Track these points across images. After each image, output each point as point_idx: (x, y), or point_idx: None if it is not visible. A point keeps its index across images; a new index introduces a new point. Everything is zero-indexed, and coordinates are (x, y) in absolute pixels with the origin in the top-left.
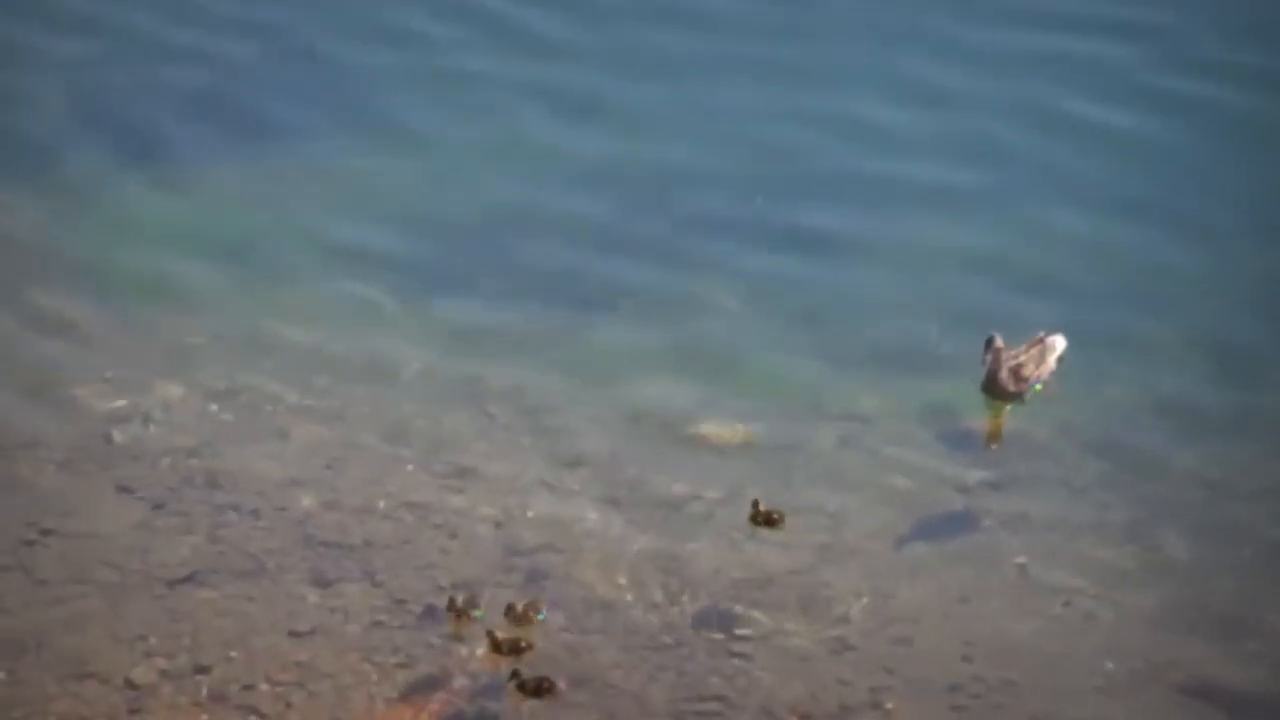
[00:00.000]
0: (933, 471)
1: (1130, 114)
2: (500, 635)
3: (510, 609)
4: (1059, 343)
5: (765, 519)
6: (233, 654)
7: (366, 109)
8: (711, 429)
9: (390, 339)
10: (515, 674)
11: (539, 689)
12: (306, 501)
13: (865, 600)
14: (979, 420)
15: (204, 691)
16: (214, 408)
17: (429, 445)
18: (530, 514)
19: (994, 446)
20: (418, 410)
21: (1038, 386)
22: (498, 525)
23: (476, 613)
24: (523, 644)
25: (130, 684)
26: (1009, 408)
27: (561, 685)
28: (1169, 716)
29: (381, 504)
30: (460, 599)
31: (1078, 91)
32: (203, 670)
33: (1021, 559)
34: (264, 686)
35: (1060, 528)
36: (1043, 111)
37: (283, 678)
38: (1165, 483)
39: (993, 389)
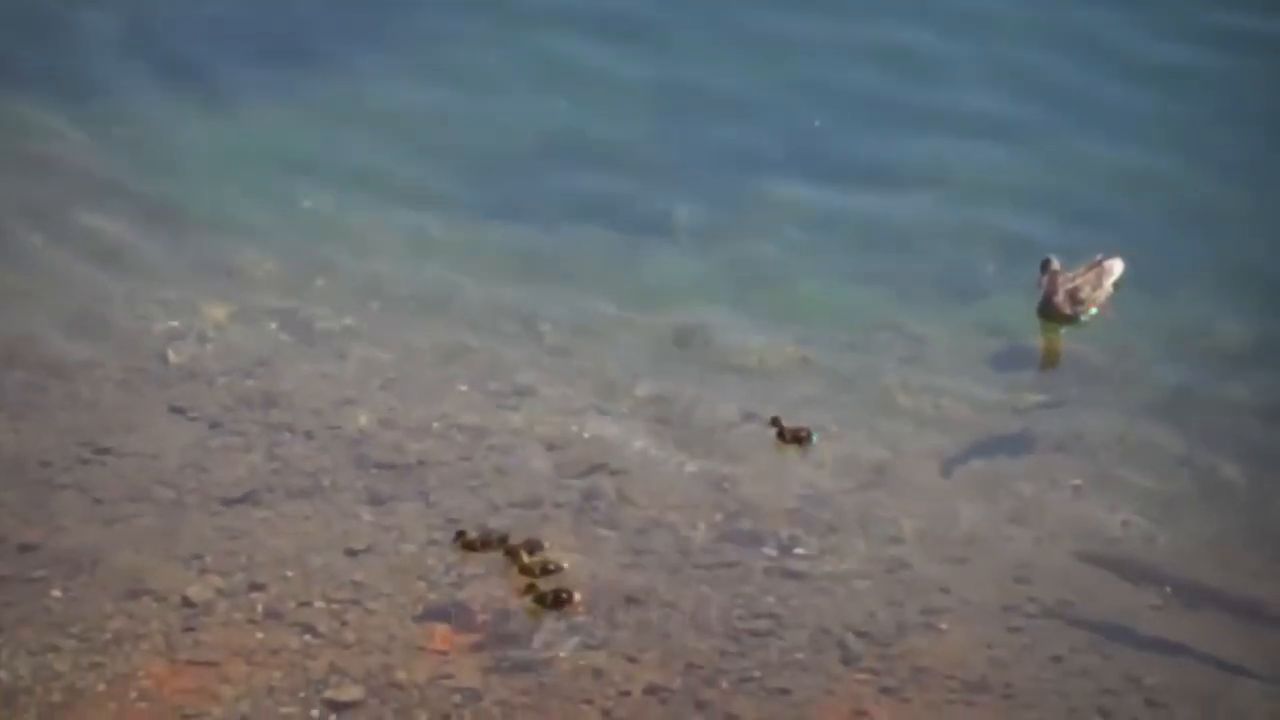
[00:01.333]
0: (987, 393)
1: (1186, 49)
2: (528, 558)
3: (502, 539)
4: (1117, 266)
5: (794, 436)
6: (288, 572)
7: (413, 41)
8: (764, 352)
9: (444, 264)
10: (531, 587)
11: (557, 600)
12: (361, 421)
13: (919, 521)
14: (1034, 342)
15: (259, 609)
16: (270, 328)
17: (483, 368)
18: (585, 436)
19: (1050, 369)
20: (471, 333)
21: (1093, 310)
22: (551, 447)
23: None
24: (551, 565)
25: (186, 601)
26: (1064, 330)
27: (578, 596)
28: (1226, 640)
29: (435, 425)
30: (472, 532)
31: (1130, 24)
32: (258, 588)
33: (1077, 481)
34: (319, 604)
35: (1116, 450)
36: (1093, 44)
37: (338, 596)
38: (1222, 407)
39: (1048, 311)
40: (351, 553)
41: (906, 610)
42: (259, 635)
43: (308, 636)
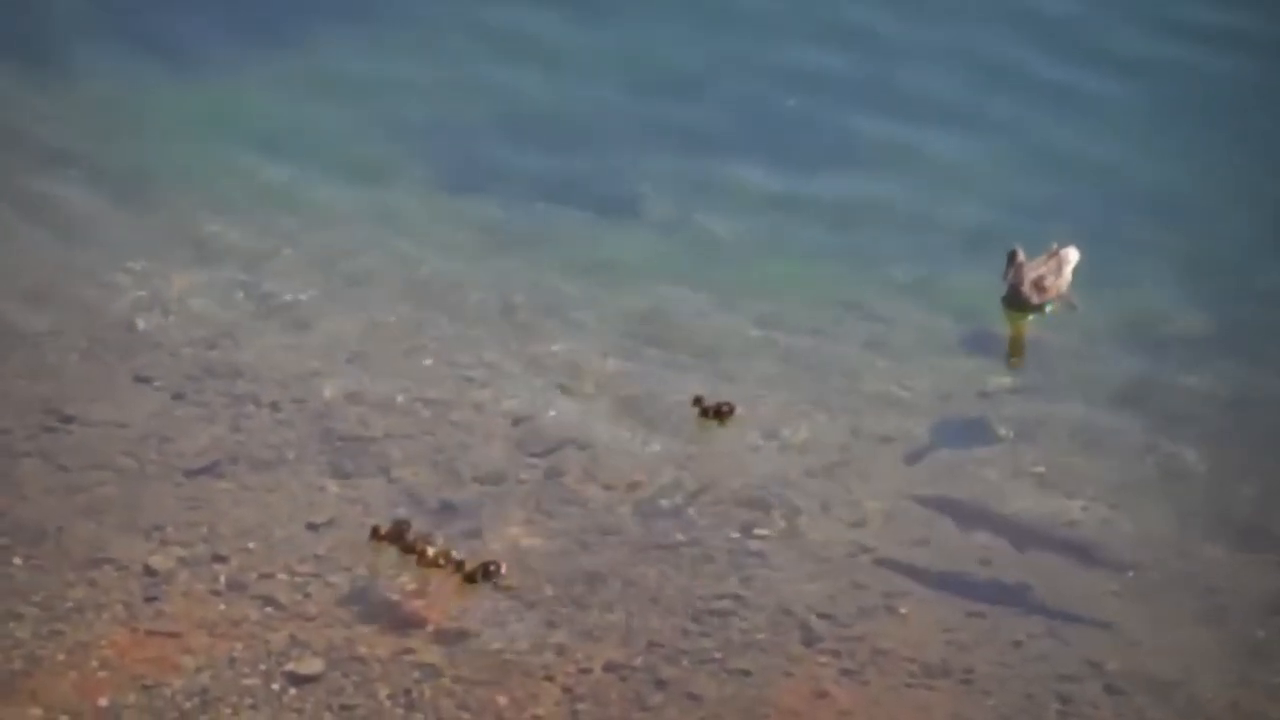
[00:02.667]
0: (951, 378)
1: (1149, 41)
2: (431, 552)
3: (400, 532)
4: (1073, 254)
5: (715, 411)
6: (251, 544)
7: (377, 14)
8: (729, 332)
9: (410, 237)
10: (459, 565)
11: (486, 573)
12: (326, 394)
13: (882, 504)
14: (998, 328)
15: (221, 580)
16: (236, 299)
17: (449, 342)
18: (549, 413)
19: (1016, 358)
20: (438, 307)
21: (1053, 304)
22: (516, 423)
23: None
24: (454, 556)
25: (148, 571)
26: (1029, 318)
27: (504, 569)
28: (1188, 625)
29: (400, 398)
30: (389, 526)
31: (1096, 13)
32: (220, 559)
33: (1040, 466)
34: (281, 576)
35: (1079, 436)
36: (1058, 32)
37: (301, 569)
38: (1185, 392)
39: (1016, 301)
40: (314, 526)
41: (868, 593)
42: (221, 606)
43: (269, 608)
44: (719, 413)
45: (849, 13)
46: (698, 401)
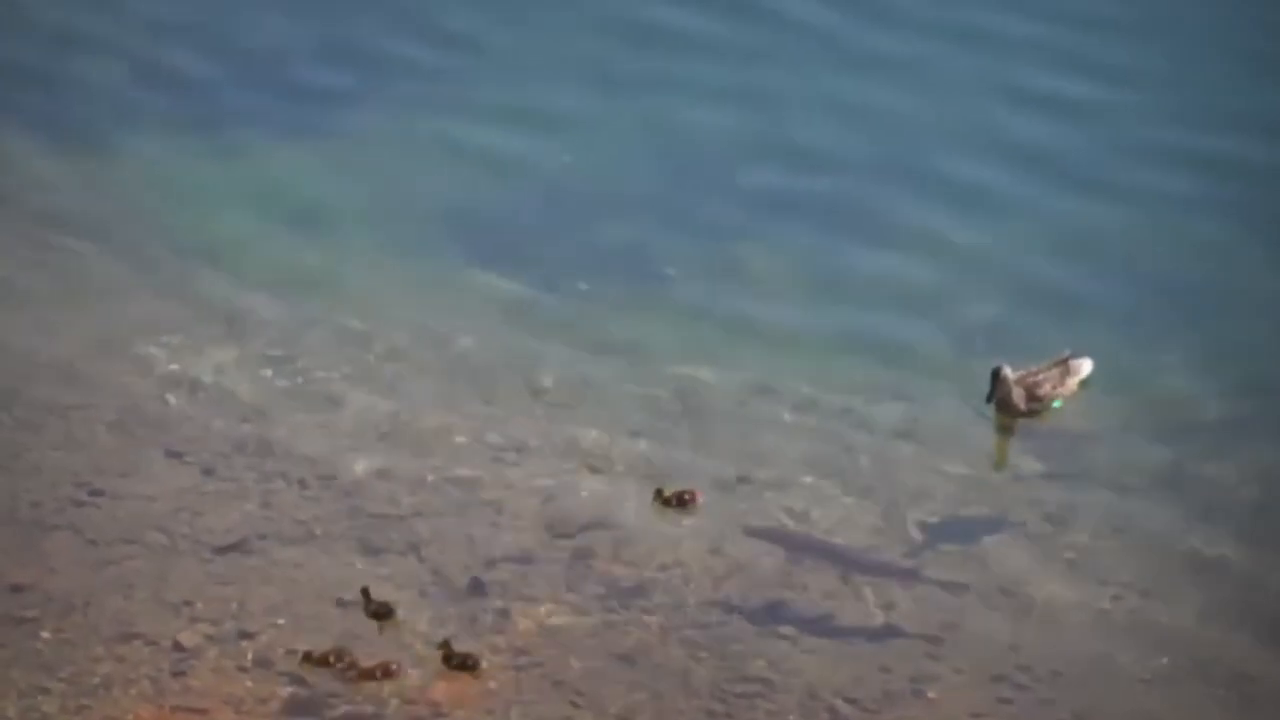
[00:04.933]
0: (980, 464)
1: (1178, 134)
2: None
3: (447, 647)
4: (1085, 366)
5: (678, 500)
6: (279, 620)
7: (408, 99)
8: (759, 414)
9: (444, 312)
10: (445, 644)
11: (464, 664)
12: (356, 471)
13: (912, 586)
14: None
15: (249, 657)
16: (267, 374)
17: (480, 419)
18: (582, 493)
19: (999, 457)
20: (470, 384)
21: (1057, 404)
22: (545, 501)
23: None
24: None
25: (176, 646)
26: (1018, 421)
27: (484, 662)
28: (1215, 714)
29: (430, 477)
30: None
31: (1124, 107)
32: (248, 636)
33: (1071, 552)
34: None
35: (1110, 523)
36: (1091, 120)
37: (328, 646)
38: (1216, 482)
39: (1005, 409)
40: (342, 603)
41: (895, 677)
42: (248, 683)
43: (296, 686)
44: (681, 501)
45: (874, 96)
46: (658, 494)
